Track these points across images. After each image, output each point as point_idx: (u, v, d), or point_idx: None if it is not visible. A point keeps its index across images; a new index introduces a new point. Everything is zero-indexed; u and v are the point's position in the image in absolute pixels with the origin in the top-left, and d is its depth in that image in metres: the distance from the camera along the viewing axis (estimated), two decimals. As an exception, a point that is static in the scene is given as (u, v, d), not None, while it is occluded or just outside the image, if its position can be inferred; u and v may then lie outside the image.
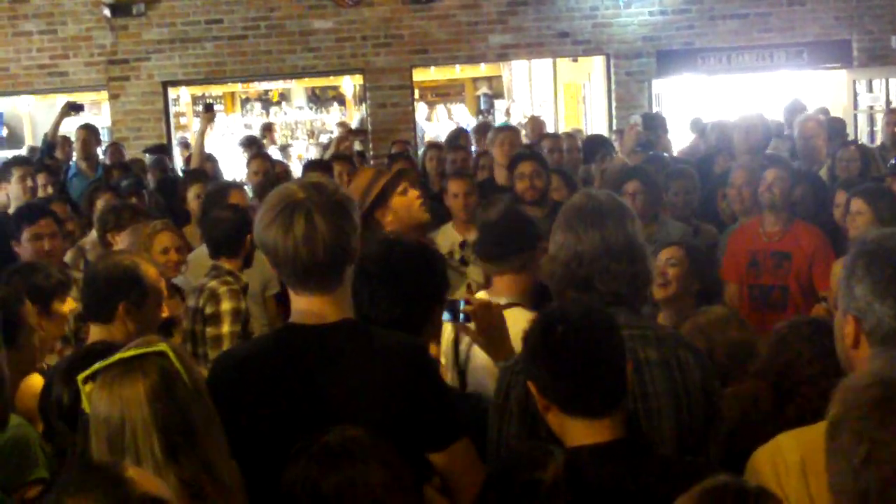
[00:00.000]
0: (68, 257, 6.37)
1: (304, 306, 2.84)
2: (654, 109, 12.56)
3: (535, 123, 11.61)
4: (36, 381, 3.76)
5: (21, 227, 5.66)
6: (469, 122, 18.97)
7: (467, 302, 3.65)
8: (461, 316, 3.63)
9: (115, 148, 11.45)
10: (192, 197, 7.44)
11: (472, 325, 3.66)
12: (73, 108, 10.41)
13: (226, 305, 5.03)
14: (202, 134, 9.72)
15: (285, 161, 13.39)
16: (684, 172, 7.14)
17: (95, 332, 3.85)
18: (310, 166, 8.43)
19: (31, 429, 3.25)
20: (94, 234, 6.44)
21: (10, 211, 7.17)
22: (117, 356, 2.39)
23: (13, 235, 5.68)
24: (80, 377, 2.43)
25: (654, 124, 8.60)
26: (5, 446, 2.95)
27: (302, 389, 2.74)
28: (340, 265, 2.80)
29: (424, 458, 2.83)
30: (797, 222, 6.10)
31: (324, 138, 17.23)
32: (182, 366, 2.41)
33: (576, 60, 15.15)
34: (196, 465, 2.31)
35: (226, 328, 5.04)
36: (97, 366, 2.41)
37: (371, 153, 12.61)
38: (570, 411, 2.58)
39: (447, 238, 6.42)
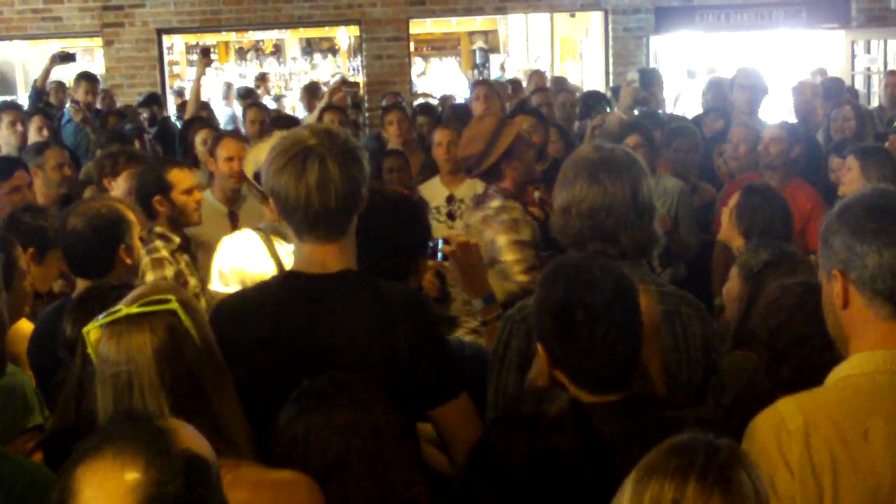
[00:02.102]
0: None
1: (308, 254, 2.83)
2: (652, 66, 12.50)
3: (538, 78, 11.56)
4: (24, 327, 3.74)
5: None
6: (462, 77, 18.92)
7: (446, 241, 3.65)
8: (439, 255, 3.64)
9: (108, 95, 11.37)
10: (200, 142, 7.39)
11: (448, 265, 3.68)
12: (63, 59, 10.32)
13: (149, 277, 4.81)
14: (198, 79, 9.65)
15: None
16: (686, 130, 7.10)
17: (82, 285, 3.79)
18: (276, 122, 8.15)
19: (24, 375, 3.25)
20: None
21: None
22: (124, 311, 2.33)
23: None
24: (88, 327, 2.39)
25: (651, 81, 8.54)
26: (1, 394, 2.95)
27: (302, 337, 2.74)
28: (349, 214, 2.79)
29: (420, 412, 2.85)
30: (794, 181, 6.08)
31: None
32: (192, 323, 2.35)
33: (573, 15, 15.07)
34: (207, 427, 2.25)
35: None
36: (103, 319, 2.35)
37: (367, 105, 12.55)
38: (579, 385, 2.59)
39: (433, 192, 6.42)
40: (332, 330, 2.74)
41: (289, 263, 3.61)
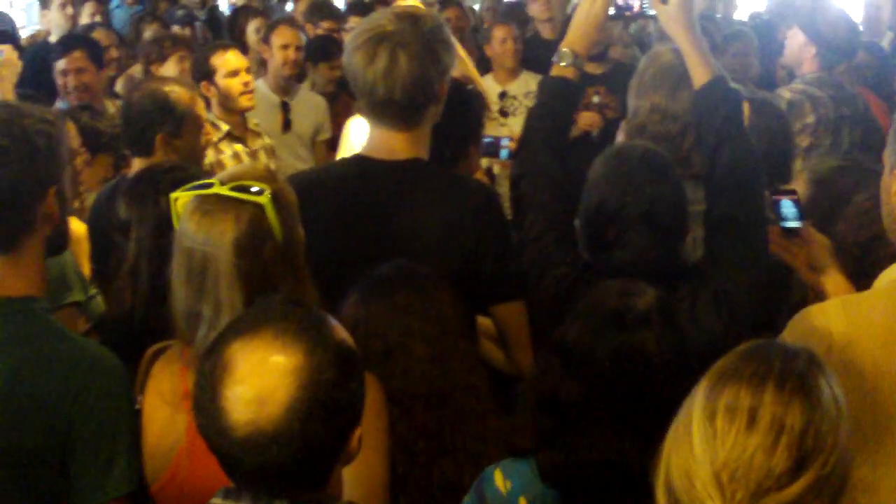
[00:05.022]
0: (119, 86, 6.31)
1: (378, 139, 2.82)
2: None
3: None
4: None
5: (53, 60, 5.60)
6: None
7: (512, 140, 3.59)
8: (504, 153, 3.57)
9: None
10: (253, 31, 7.27)
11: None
12: None
13: None
14: None
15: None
16: (742, 34, 6.91)
17: (138, 166, 3.75)
18: (312, 11, 8.01)
19: (68, 253, 3.24)
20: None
21: (52, 39, 7.10)
22: (215, 189, 2.26)
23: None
24: (176, 194, 2.35)
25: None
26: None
27: (367, 221, 2.75)
28: (419, 106, 2.77)
29: (481, 306, 2.86)
30: (858, 90, 5.94)
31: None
32: (279, 219, 2.27)
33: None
34: None
35: None
36: (197, 190, 2.29)
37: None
38: None
39: (485, 89, 6.31)
40: (398, 216, 2.74)
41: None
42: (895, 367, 2.13)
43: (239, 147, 4.93)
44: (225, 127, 4.94)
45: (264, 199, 2.25)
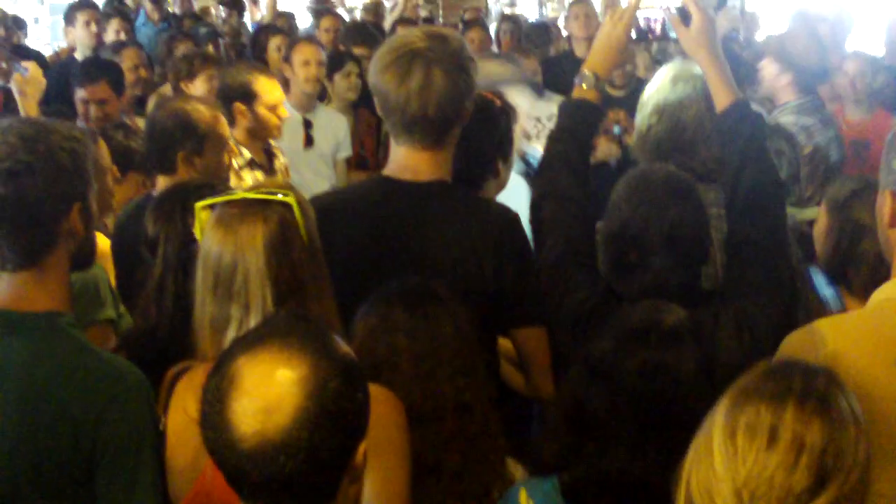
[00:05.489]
0: (150, 104, 6.34)
1: (402, 159, 2.82)
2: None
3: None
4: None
5: (75, 85, 5.56)
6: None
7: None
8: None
9: (186, -2, 11.31)
10: (274, 49, 7.32)
11: None
12: None
13: None
14: None
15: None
16: (764, 56, 6.93)
17: (162, 183, 3.80)
18: (350, 33, 8.04)
19: (100, 269, 3.27)
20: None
21: (77, 56, 7.15)
22: (240, 194, 2.32)
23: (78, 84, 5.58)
24: (199, 205, 2.40)
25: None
26: (74, 286, 2.98)
27: (389, 242, 2.75)
28: (448, 124, 2.78)
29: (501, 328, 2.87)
30: (879, 111, 5.97)
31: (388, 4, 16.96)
32: (303, 220, 2.34)
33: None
34: None
35: None
36: (221, 198, 2.35)
37: (441, 21, 12.39)
38: None
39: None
40: (420, 237, 2.74)
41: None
42: (880, 385, 2.13)
43: (259, 175, 4.85)
44: (248, 154, 4.87)
45: (291, 199, 2.31)
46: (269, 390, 1.67)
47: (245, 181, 4.75)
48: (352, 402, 1.73)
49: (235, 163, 4.65)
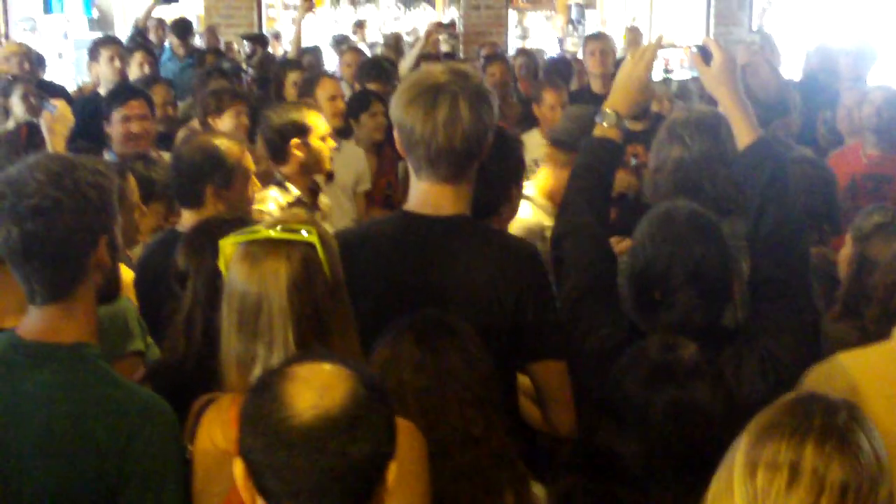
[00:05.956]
0: (179, 138, 6.38)
1: (424, 194, 2.84)
2: (754, 28, 12.24)
3: (634, 35, 11.38)
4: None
5: (112, 108, 5.61)
6: (554, 33, 18.75)
7: None
8: None
9: (212, 32, 11.41)
10: (290, 84, 7.35)
11: None
12: (167, 0, 10.40)
13: None
14: (300, 22, 9.67)
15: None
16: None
17: (188, 218, 3.84)
18: (365, 69, 8.02)
19: (128, 302, 3.29)
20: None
21: (101, 91, 7.18)
22: (263, 233, 2.35)
23: (105, 116, 5.63)
24: (225, 241, 2.43)
25: (769, 45, 8.37)
26: (104, 319, 3.02)
27: (410, 278, 2.77)
28: (471, 156, 2.79)
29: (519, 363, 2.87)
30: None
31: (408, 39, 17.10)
32: (327, 258, 2.37)
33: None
34: None
35: None
36: (246, 236, 2.38)
37: (461, 56, 12.47)
38: None
39: (534, 144, 6.32)
40: (439, 271, 2.76)
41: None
42: None
43: (302, 212, 4.82)
44: (296, 192, 4.79)
45: (314, 238, 2.34)
46: (322, 377, 1.76)
47: None
48: (386, 410, 1.79)
49: (283, 199, 4.66)
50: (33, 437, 2.22)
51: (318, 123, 4.82)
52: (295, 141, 4.71)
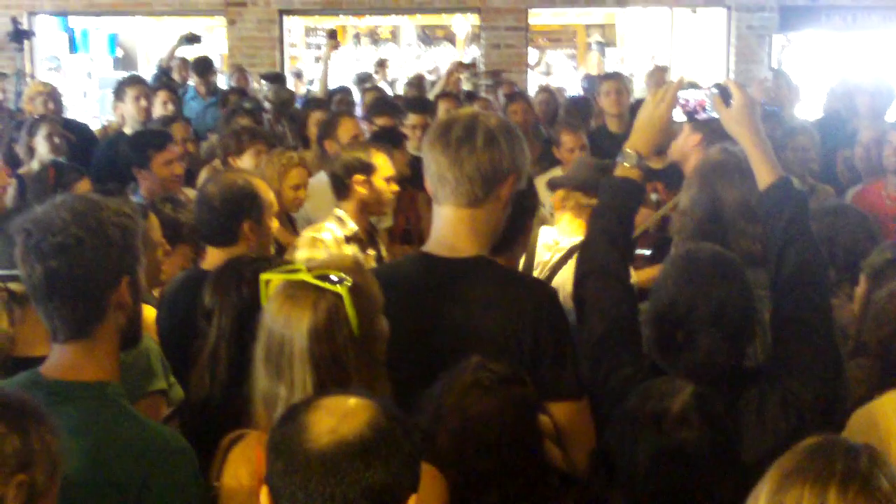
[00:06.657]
0: (201, 177, 6.43)
1: (442, 235, 2.89)
2: (774, 66, 12.26)
3: (659, 74, 11.36)
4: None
5: (148, 153, 5.65)
6: (575, 71, 18.82)
7: None
8: None
9: (241, 72, 11.48)
10: (313, 123, 7.33)
11: None
12: (190, 40, 10.49)
13: (298, 254, 4.66)
14: (326, 60, 9.75)
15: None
16: (803, 129, 6.94)
17: (214, 256, 3.87)
18: (373, 105, 7.91)
19: (151, 341, 3.32)
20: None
21: (126, 130, 7.24)
22: (301, 276, 2.40)
23: (137, 161, 5.69)
24: (265, 276, 2.50)
25: (786, 83, 8.38)
26: (126, 358, 3.05)
27: (428, 318, 2.79)
28: (489, 183, 2.83)
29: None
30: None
31: (431, 78, 17.18)
32: (356, 311, 2.39)
33: (695, 11, 14.87)
34: None
35: None
36: (284, 275, 2.44)
37: (483, 94, 12.53)
38: None
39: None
40: (458, 312, 2.78)
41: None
42: None
43: (356, 248, 4.81)
44: (354, 227, 4.82)
45: (343, 290, 2.37)
46: (343, 405, 1.85)
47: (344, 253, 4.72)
48: (410, 438, 1.86)
49: (341, 232, 4.72)
50: (54, 475, 2.24)
51: (384, 165, 4.87)
52: (359, 177, 4.77)
